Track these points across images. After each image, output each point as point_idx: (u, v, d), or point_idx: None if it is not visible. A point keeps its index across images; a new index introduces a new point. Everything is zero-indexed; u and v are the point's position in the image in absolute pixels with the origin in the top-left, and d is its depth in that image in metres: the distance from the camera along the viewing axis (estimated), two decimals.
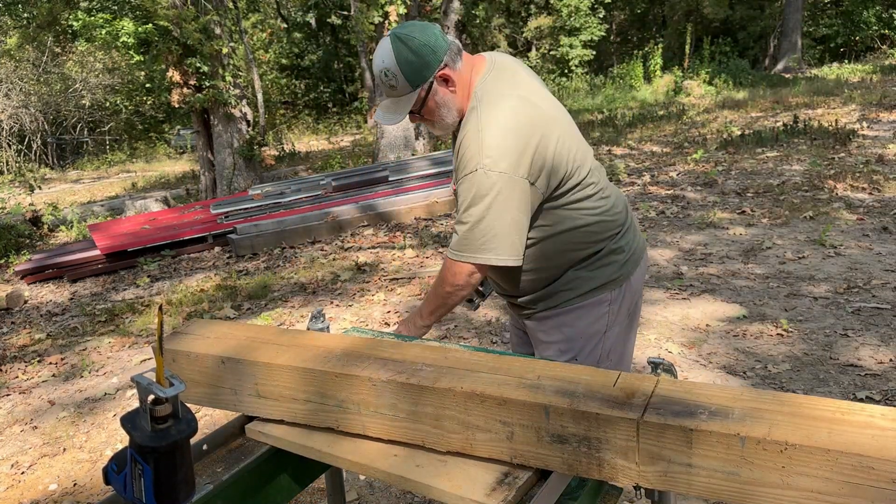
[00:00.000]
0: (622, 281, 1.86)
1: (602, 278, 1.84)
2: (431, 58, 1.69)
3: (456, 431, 1.24)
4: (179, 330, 1.62)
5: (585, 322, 1.87)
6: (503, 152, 1.64)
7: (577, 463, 1.15)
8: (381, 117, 1.81)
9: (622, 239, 1.86)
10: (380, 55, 1.70)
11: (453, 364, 1.31)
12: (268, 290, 5.43)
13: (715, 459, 1.03)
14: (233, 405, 1.50)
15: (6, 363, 4.48)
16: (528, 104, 1.71)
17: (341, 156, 12.70)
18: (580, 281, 1.85)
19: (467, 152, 1.67)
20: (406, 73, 1.68)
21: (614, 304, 1.87)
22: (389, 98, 1.76)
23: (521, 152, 1.65)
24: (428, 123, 1.82)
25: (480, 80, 1.76)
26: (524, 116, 1.68)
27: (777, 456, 0.98)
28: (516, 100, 1.70)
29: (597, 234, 1.82)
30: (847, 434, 0.98)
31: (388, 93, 1.75)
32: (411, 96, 1.72)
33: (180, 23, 9.03)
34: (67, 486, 3.02)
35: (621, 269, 1.86)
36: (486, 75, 1.76)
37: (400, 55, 1.67)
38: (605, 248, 1.84)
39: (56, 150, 20.38)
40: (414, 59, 1.68)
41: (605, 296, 1.85)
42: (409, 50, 1.67)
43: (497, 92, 1.72)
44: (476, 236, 1.68)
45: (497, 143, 1.64)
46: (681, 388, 1.15)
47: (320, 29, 24.73)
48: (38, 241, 8.44)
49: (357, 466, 1.32)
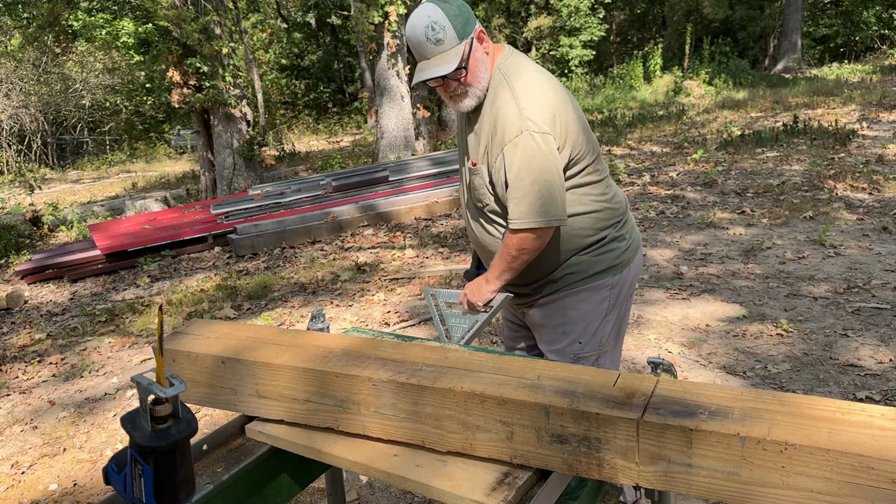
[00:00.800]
0: (623, 267, 1.94)
1: (605, 263, 1.92)
2: (471, 15, 1.80)
3: (456, 431, 1.24)
4: (179, 330, 1.62)
5: (588, 305, 1.94)
6: (542, 115, 1.73)
7: (577, 463, 1.15)
8: (425, 74, 1.78)
9: (623, 227, 1.96)
10: (423, 13, 1.76)
11: (453, 364, 1.32)
12: (268, 291, 5.43)
13: (715, 459, 1.03)
14: (233, 405, 1.50)
15: (6, 363, 4.48)
16: (551, 77, 1.84)
17: (341, 156, 12.70)
18: (584, 265, 1.91)
19: (506, 120, 1.74)
20: (454, 25, 1.75)
21: (614, 289, 1.95)
22: (433, 56, 1.77)
23: (553, 117, 1.75)
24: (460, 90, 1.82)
25: (502, 57, 1.85)
26: (550, 86, 1.80)
27: (777, 456, 0.98)
28: (540, 73, 1.83)
29: (603, 221, 1.90)
30: (847, 434, 0.98)
31: (432, 50, 1.76)
32: (459, 49, 1.75)
33: (180, 23, 9.03)
34: (67, 486, 3.02)
35: (622, 255, 1.94)
36: (508, 56, 1.86)
37: (446, 10, 1.75)
38: (609, 236, 1.92)
39: (56, 151, 20.38)
40: (458, 13, 1.76)
41: (606, 280, 1.93)
42: (452, 6, 1.77)
43: (521, 67, 1.83)
44: (534, 200, 1.74)
45: (535, 107, 1.73)
46: (681, 389, 1.15)
47: (320, 29, 24.74)
48: (39, 241, 8.44)
49: (357, 466, 1.32)
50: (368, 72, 17.09)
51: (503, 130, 1.74)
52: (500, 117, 1.75)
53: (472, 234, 2.05)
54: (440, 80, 1.78)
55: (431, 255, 6.00)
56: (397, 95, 10.33)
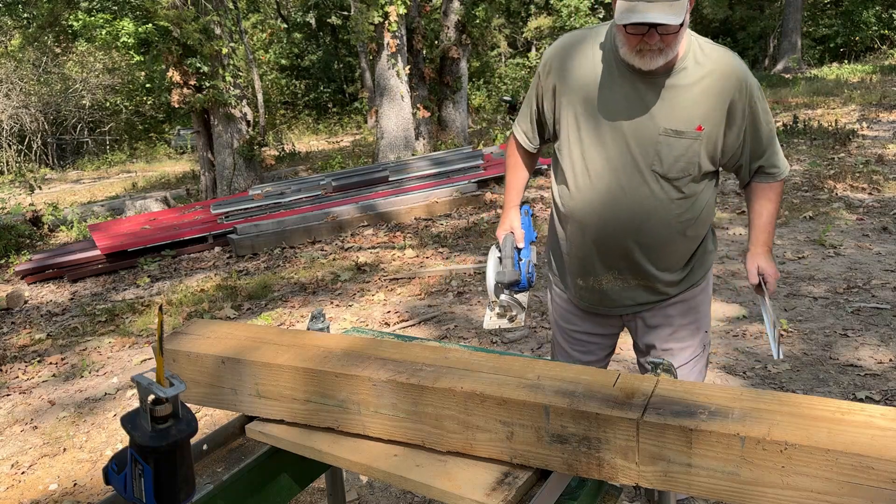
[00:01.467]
0: None
1: (715, 255, 1.97)
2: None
3: (456, 431, 1.24)
4: (180, 330, 1.62)
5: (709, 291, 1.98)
6: None
7: (577, 463, 1.15)
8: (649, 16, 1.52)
9: None
10: None
11: (453, 364, 1.31)
12: (268, 290, 5.43)
13: (715, 459, 1.03)
14: (233, 405, 1.50)
15: (6, 363, 4.48)
16: None
17: (341, 156, 12.70)
18: (708, 255, 1.92)
19: (740, 71, 1.69)
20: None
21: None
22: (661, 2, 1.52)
23: None
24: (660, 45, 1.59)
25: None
26: None
27: (777, 456, 0.98)
28: None
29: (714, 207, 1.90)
30: (847, 434, 0.98)
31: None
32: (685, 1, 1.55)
33: (180, 23, 9.03)
34: (67, 486, 3.02)
35: None
36: None
37: None
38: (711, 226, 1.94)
39: (56, 151, 20.38)
40: None
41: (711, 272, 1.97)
42: None
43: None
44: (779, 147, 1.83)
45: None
46: (681, 388, 1.15)
47: (320, 29, 24.74)
48: (39, 241, 8.44)
49: (357, 466, 1.32)
50: (368, 72, 17.11)
51: (740, 82, 1.67)
52: (731, 71, 1.67)
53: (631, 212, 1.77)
54: (645, 27, 1.54)
55: (431, 255, 6.00)
56: (397, 95, 10.34)
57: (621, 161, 1.73)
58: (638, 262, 1.82)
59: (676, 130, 1.68)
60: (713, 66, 1.68)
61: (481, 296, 4.82)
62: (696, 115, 1.67)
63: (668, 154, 1.69)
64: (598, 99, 1.73)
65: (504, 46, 22.89)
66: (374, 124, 12.24)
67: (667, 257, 1.83)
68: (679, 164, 1.70)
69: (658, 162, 1.71)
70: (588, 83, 1.74)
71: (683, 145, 1.68)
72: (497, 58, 23.29)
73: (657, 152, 1.70)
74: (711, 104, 1.67)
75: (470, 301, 4.76)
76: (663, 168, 1.71)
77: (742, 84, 1.68)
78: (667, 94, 1.67)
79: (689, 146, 1.69)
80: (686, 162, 1.70)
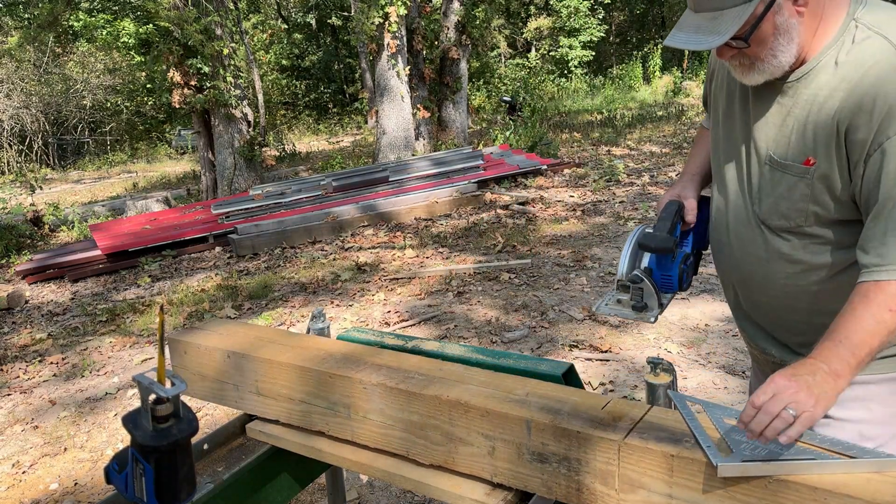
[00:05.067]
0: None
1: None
2: None
3: (439, 443, 1.23)
4: (196, 326, 1.65)
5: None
6: None
7: (556, 486, 1.12)
8: (685, 41, 1.18)
9: None
10: None
11: (446, 375, 1.31)
12: (268, 290, 5.44)
13: (696, 491, 0.99)
14: (234, 402, 1.51)
15: (7, 363, 4.49)
16: None
17: (342, 156, 12.70)
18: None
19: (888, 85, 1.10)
20: None
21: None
22: (704, 12, 1.16)
23: None
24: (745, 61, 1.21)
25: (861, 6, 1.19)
26: None
27: (761, 490, 0.96)
28: None
29: None
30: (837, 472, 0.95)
31: (702, 4, 1.16)
32: (743, 10, 1.12)
33: (181, 23, 9.03)
34: (68, 485, 3.03)
35: None
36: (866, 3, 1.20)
37: None
38: None
39: (57, 151, 20.37)
40: None
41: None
42: None
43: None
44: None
45: None
46: (671, 417, 1.12)
47: (321, 30, 24.76)
48: (40, 241, 8.44)
49: (357, 466, 1.33)
50: (369, 72, 17.10)
51: (887, 113, 1.09)
52: (880, 94, 1.10)
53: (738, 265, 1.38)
54: None
55: (431, 255, 6.00)
56: (397, 96, 10.34)
57: (734, 193, 1.37)
58: (759, 325, 1.44)
59: (780, 162, 1.24)
60: (855, 70, 1.14)
61: (481, 296, 4.83)
62: (809, 143, 1.20)
63: (768, 192, 1.27)
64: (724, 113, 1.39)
65: (504, 47, 22.89)
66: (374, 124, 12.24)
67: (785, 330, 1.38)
68: (780, 207, 1.26)
69: (758, 202, 1.30)
70: (729, 92, 1.38)
71: (787, 183, 1.24)
72: (497, 58, 23.29)
73: (759, 188, 1.29)
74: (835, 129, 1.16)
75: (470, 301, 4.76)
76: (762, 211, 1.30)
77: (883, 103, 1.10)
78: (777, 109, 1.24)
79: (794, 186, 1.23)
80: (788, 207, 1.25)
